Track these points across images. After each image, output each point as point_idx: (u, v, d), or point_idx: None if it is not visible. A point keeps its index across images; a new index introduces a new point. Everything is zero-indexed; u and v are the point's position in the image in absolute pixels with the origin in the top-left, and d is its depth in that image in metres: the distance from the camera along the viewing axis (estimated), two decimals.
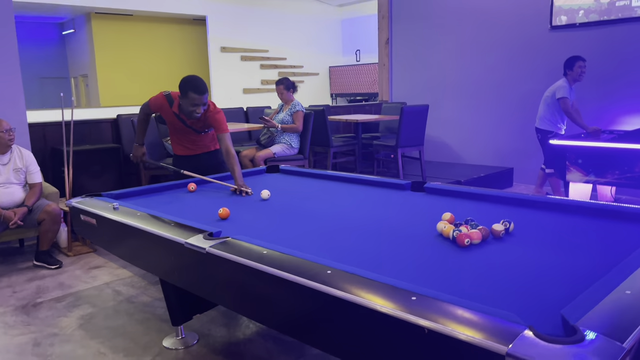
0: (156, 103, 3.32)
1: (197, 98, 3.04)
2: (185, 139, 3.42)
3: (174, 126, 3.38)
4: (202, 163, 3.43)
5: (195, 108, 3.08)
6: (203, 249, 1.75)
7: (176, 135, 3.43)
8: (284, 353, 2.44)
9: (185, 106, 3.12)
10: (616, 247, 1.70)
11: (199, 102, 3.06)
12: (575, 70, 4.66)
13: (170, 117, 3.32)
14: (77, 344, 2.61)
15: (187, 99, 3.06)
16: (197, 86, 3.05)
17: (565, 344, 1.01)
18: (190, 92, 3.04)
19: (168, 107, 3.28)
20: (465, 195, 2.54)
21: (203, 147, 3.46)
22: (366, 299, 1.27)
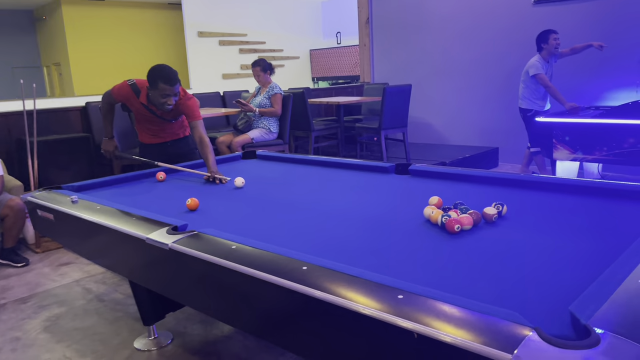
0: (120, 93, 3.08)
1: (169, 89, 2.83)
2: (153, 128, 3.20)
3: (143, 116, 3.15)
4: (171, 151, 3.23)
5: (166, 99, 2.87)
6: (166, 245, 1.57)
7: (143, 123, 3.20)
8: (265, 351, 2.28)
9: (155, 98, 2.90)
10: (618, 229, 1.56)
11: (171, 92, 2.85)
12: (550, 43, 4.57)
13: (138, 108, 3.09)
14: (41, 348, 2.42)
15: (157, 90, 2.84)
16: (168, 76, 2.82)
17: (578, 349, 0.86)
18: (161, 83, 2.82)
19: (135, 98, 3.04)
20: (452, 177, 2.39)
21: (172, 135, 3.25)
22: (346, 299, 1.11)
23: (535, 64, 4.62)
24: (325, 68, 11.05)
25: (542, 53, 4.64)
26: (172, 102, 2.89)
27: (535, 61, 4.64)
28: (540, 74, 4.57)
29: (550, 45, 4.59)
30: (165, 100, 2.88)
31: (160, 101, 2.89)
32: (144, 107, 3.06)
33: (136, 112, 3.15)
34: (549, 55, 4.63)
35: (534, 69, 4.60)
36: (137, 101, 3.05)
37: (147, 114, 3.10)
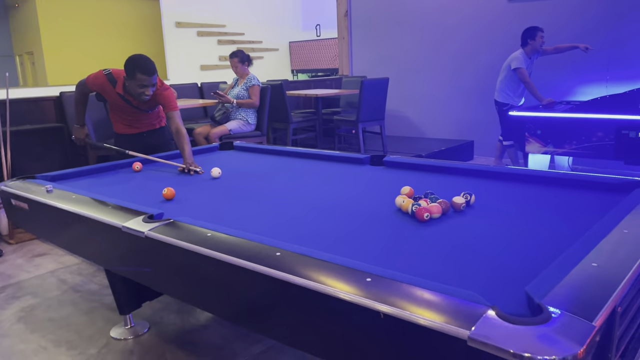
0: (96, 83, 3.05)
1: (146, 79, 2.82)
2: (129, 118, 3.18)
3: (117, 105, 3.13)
4: (147, 142, 3.22)
5: (144, 90, 2.86)
6: (142, 233, 1.59)
7: (118, 113, 3.18)
8: (241, 339, 2.32)
9: (132, 88, 2.88)
10: (579, 217, 1.64)
11: (148, 83, 2.84)
12: (537, 40, 4.66)
13: (114, 98, 3.07)
14: (16, 338, 2.41)
15: (135, 81, 2.83)
16: (146, 66, 2.81)
17: (531, 325, 0.92)
18: (138, 73, 2.80)
19: (111, 88, 3.02)
20: (425, 168, 2.45)
21: (148, 125, 3.24)
22: (317, 282, 1.15)
23: (518, 57, 4.69)
24: (305, 60, 11.06)
25: (526, 48, 4.71)
26: (150, 92, 2.88)
27: (519, 55, 4.71)
28: (522, 68, 4.64)
29: (536, 42, 4.67)
30: (143, 91, 2.87)
31: (138, 91, 2.88)
32: (120, 98, 3.04)
33: (111, 103, 3.12)
34: (532, 51, 4.72)
35: (516, 62, 4.67)
36: (113, 91, 3.02)
37: (123, 105, 3.09)
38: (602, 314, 0.97)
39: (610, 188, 1.91)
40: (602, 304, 0.99)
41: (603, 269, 1.15)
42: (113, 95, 3.05)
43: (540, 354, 0.85)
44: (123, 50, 11.27)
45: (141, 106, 3.09)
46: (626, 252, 1.24)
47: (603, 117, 4.08)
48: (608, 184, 1.93)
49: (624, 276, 1.11)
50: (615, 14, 4.90)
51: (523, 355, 0.86)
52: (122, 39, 10.97)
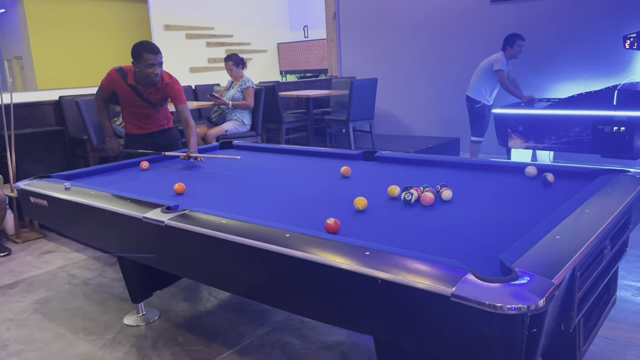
0: (110, 80, 3.27)
1: (152, 58, 3.07)
2: (140, 115, 3.36)
3: (130, 102, 3.31)
4: (157, 141, 3.41)
5: (152, 69, 3.09)
6: (162, 222, 1.77)
7: (130, 112, 3.37)
8: (246, 322, 2.51)
9: (141, 70, 3.11)
10: (550, 201, 1.86)
11: (155, 62, 3.08)
12: (515, 48, 4.90)
13: (126, 92, 3.26)
14: (34, 327, 2.58)
15: (143, 61, 3.07)
16: (151, 46, 3.09)
17: (502, 283, 1.13)
18: (145, 53, 3.06)
19: (122, 82, 3.23)
20: (413, 162, 2.66)
21: (158, 125, 3.43)
22: (323, 257, 1.35)
23: (500, 59, 4.90)
24: (293, 61, 11.23)
25: (506, 53, 4.96)
26: (158, 71, 3.11)
27: (500, 57, 4.93)
28: (502, 71, 4.87)
29: (514, 50, 4.90)
30: (151, 70, 3.09)
31: (146, 72, 3.10)
32: (132, 90, 3.22)
33: (124, 99, 3.30)
34: (509, 57, 4.97)
35: (499, 65, 4.88)
36: (124, 84, 3.22)
37: (135, 99, 3.26)
38: (560, 274, 1.17)
39: (578, 176, 2.14)
40: (561, 267, 1.20)
41: (564, 240, 1.36)
42: (125, 90, 3.24)
43: (509, 304, 1.06)
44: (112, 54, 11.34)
45: (151, 98, 3.26)
46: (585, 227, 1.46)
47: (580, 113, 4.33)
48: (576, 172, 2.15)
49: (581, 246, 1.32)
50: (592, 15, 5.16)
51: (496, 305, 1.06)
52: (110, 42, 11.06)
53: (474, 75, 5.18)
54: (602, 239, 1.46)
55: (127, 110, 3.37)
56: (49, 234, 4.02)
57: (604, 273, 1.60)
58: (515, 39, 4.90)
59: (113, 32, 11.14)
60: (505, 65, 4.91)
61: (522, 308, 1.05)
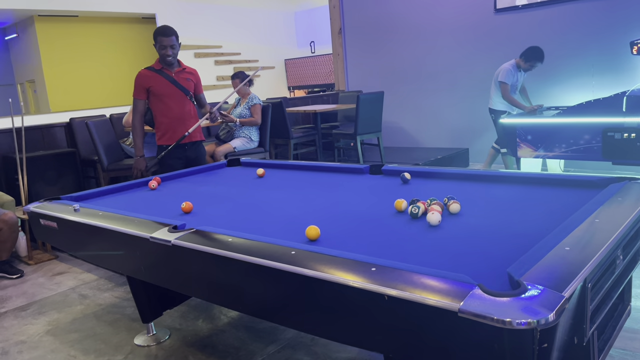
0: (141, 79, 3.47)
1: (165, 40, 3.39)
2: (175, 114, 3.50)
3: (164, 94, 3.46)
4: (189, 154, 3.60)
5: (165, 51, 3.39)
6: (169, 242, 1.77)
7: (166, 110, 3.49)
8: (256, 340, 2.49)
9: (158, 52, 3.43)
10: (559, 211, 1.83)
11: (167, 43, 3.39)
12: (527, 65, 4.84)
13: (162, 84, 3.45)
14: (46, 349, 2.58)
15: (157, 44, 3.41)
16: (163, 30, 3.41)
17: (510, 297, 1.11)
18: (159, 36, 3.40)
19: (151, 72, 3.47)
20: (421, 175, 2.64)
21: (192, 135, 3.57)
22: (329, 274, 1.34)
23: (506, 70, 4.88)
24: (301, 77, 11.32)
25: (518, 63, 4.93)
26: (170, 52, 3.40)
27: (507, 67, 4.90)
28: (506, 84, 4.86)
29: (526, 65, 4.86)
30: (164, 52, 3.40)
31: (161, 52, 3.42)
32: (163, 77, 3.46)
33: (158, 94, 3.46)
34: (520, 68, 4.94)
35: (502, 76, 4.87)
36: (154, 73, 3.46)
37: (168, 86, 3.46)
38: (570, 286, 1.15)
39: (588, 185, 2.11)
40: (571, 279, 1.18)
41: (574, 251, 1.34)
42: (157, 79, 3.45)
43: (518, 319, 1.04)
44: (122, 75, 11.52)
45: (181, 82, 3.50)
46: (595, 237, 1.43)
47: (589, 120, 4.29)
48: (586, 181, 2.12)
49: (592, 257, 1.30)
50: (599, 22, 5.14)
51: (504, 320, 1.04)
52: (121, 64, 11.24)
53: (491, 86, 5.15)
54: (614, 249, 1.44)
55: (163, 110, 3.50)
56: (61, 255, 4.05)
57: (617, 283, 1.56)
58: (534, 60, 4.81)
59: (123, 54, 11.33)
60: (511, 76, 4.89)
61: (532, 323, 1.03)
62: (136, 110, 3.50)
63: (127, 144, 4.94)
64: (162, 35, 3.39)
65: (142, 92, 3.47)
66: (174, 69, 3.51)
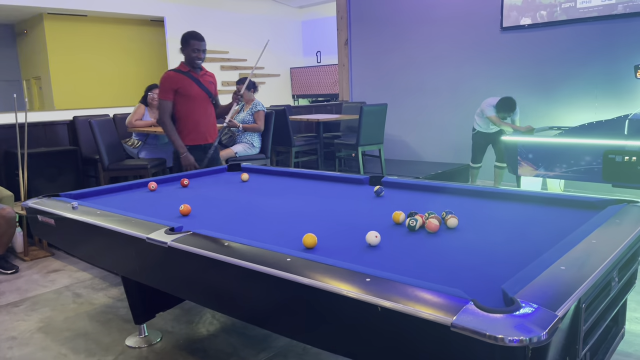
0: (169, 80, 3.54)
1: (198, 44, 3.55)
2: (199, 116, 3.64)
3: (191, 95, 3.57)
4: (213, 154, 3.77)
5: (197, 54, 3.54)
6: (165, 243, 1.77)
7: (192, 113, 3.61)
8: (248, 347, 2.48)
9: (188, 55, 3.57)
10: (556, 230, 1.83)
11: (200, 47, 3.56)
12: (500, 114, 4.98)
13: (189, 86, 3.57)
14: (36, 346, 2.57)
15: (189, 47, 3.55)
16: (196, 34, 3.57)
17: (503, 314, 1.11)
18: (192, 40, 3.54)
19: (179, 75, 3.57)
20: (419, 188, 2.65)
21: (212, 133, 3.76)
22: (322, 282, 1.34)
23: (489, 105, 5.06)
24: (305, 86, 11.35)
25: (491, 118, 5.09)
26: (202, 56, 3.56)
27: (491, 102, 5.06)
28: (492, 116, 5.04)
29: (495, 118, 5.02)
30: (196, 55, 3.54)
31: (192, 56, 3.55)
32: (190, 79, 3.58)
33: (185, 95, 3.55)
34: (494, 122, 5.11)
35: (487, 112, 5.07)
36: (181, 76, 3.57)
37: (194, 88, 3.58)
38: (564, 306, 1.15)
39: (586, 206, 2.11)
40: (565, 298, 1.18)
41: (569, 271, 1.33)
42: (184, 80, 3.56)
43: (510, 336, 1.04)
44: (129, 76, 11.57)
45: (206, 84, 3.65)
46: (592, 258, 1.43)
47: (591, 142, 4.29)
48: (584, 202, 2.12)
49: (587, 277, 1.29)
50: (603, 44, 5.17)
51: (497, 336, 1.04)
52: (127, 64, 11.30)
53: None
54: (610, 271, 1.44)
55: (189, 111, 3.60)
56: (57, 253, 4.04)
57: (612, 305, 1.56)
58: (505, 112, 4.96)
59: (130, 55, 11.40)
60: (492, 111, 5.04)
61: (524, 340, 1.03)
62: (165, 111, 3.58)
63: (129, 145, 4.95)
64: (196, 40, 3.55)
65: (170, 93, 3.55)
66: (199, 72, 3.65)
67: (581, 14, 5.25)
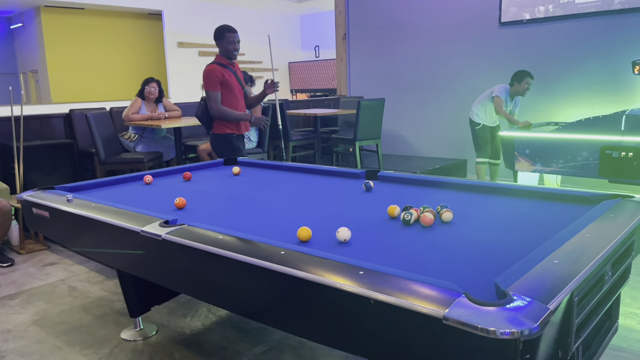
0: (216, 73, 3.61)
1: (233, 36, 3.67)
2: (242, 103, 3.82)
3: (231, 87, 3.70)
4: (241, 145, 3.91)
5: (233, 45, 3.66)
6: (159, 236, 1.77)
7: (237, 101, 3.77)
8: (244, 340, 2.48)
9: (224, 48, 3.67)
10: (551, 225, 1.83)
11: (234, 39, 3.68)
12: (522, 85, 4.87)
13: (231, 78, 3.69)
14: (31, 339, 2.57)
15: (225, 39, 3.66)
16: (231, 27, 3.69)
17: (495, 307, 1.11)
18: (226, 32, 3.66)
19: (224, 68, 3.67)
20: (415, 182, 2.65)
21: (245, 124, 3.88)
22: (316, 275, 1.33)
23: (501, 87, 4.94)
24: (304, 80, 11.33)
25: (511, 89, 4.96)
26: (238, 47, 3.69)
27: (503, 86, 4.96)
28: (499, 97, 4.91)
29: (521, 87, 4.89)
30: (233, 46, 3.66)
31: (228, 48, 3.66)
32: (230, 71, 3.70)
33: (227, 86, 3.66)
34: (515, 93, 4.96)
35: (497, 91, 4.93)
36: (223, 68, 3.68)
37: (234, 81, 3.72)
38: (556, 299, 1.15)
39: (581, 200, 2.11)
40: (558, 292, 1.18)
41: (562, 265, 1.33)
42: (226, 73, 3.67)
43: (502, 328, 1.04)
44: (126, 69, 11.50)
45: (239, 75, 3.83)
46: (585, 252, 1.43)
47: (588, 137, 4.30)
48: (579, 196, 2.12)
49: (580, 271, 1.29)
50: (602, 40, 5.17)
51: (489, 329, 1.04)
52: (125, 58, 11.25)
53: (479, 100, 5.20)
54: (603, 265, 1.44)
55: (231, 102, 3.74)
56: (52, 246, 4.03)
57: (605, 300, 1.56)
58: (524, 76, 4.87)
59: (127, 49, 11.34)
60: (505, 94, 4.93)
61: (515, 333, 1.03)
62: (216, 100, 3.68)
63: (125, 138, 4.94)
64: (231, 32, 3.66)
65: (218, 85, 3.65)
66: (234, 65, 3.78)
67: (579, 10, 5.24)
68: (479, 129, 5.19)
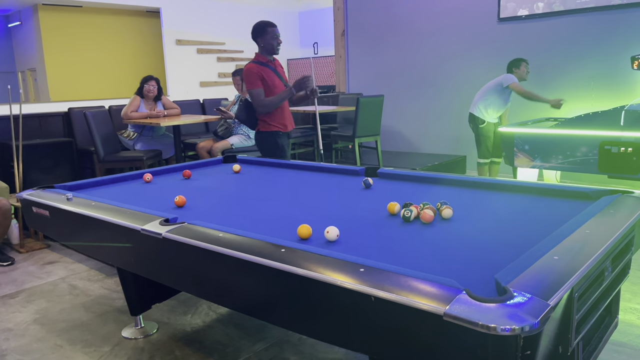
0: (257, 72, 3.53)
1: (274, 29, 3.59)
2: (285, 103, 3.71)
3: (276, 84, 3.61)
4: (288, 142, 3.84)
5: (276, 39, 3.59)
6: (159, 235, 1.77)
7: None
8: (244, 337, 2.49)
9: (268, 43, 3.58)
10: (551, 221, 1.83)
11: (276, 33, 3.60)
12: (521, 69, 4.84)
13: (271, 76, 3.61)
14: (32, 337, 2.57)
15: (268, 35, 3.58)
16: (271, 22, 3.62)
17: (496, 303, 1.11)
18: (268, 27, 3.58)
19: (263, 66, 3.59)
20: (415, 179, 2.65)
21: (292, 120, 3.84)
22: (316, 273, 1.34)
23: (508, 76, 4.87)
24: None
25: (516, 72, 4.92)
26: (280, 41, 3.62)
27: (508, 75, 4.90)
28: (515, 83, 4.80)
29: (521, 71, 4.85)
30: (276, 40, 3.59)
31: (272, 42, 3.58)
32: (270, 69, 3.62)
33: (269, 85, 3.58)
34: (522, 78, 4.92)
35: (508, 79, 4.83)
36: (263, 67, 3.60)
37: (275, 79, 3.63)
38: (556, 295, 1.15)
39: (581, 196, 2.11)
40: (558, 288, 1.18)
41: (562, 261, 1.34)
42: (266, 71, 3.59)
43: (502, 325, 1.04)
44: (124, 67, 11.47)
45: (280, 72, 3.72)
46: (585, 248, 1.43)
47: (587, 133, 4.30)
48: (579, 192, 2.13)
49: (580, 267, 1.30)
50: (601, 35, 5.16)
51: (489, 325, 1.04)
52: (123, 56, 11.23)
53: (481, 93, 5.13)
54: (603, 261, 1.44)
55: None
56: (53, 245, 4.03)
57: (605, 295, 1.56)
58: (519, 61, 4.87)
59: (126, 46, 11.32)
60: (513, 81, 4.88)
61: (516, 329, 1.03)
62: (260, 97, 3.58)
63: (124, 136, 4.93)
64: (272, 27, 3.59)
65: (259, 81, 3.57)
66: (274, 62, 3.70)
67: (578, 5, 5.24)
68: (484, 127, 5.09)
